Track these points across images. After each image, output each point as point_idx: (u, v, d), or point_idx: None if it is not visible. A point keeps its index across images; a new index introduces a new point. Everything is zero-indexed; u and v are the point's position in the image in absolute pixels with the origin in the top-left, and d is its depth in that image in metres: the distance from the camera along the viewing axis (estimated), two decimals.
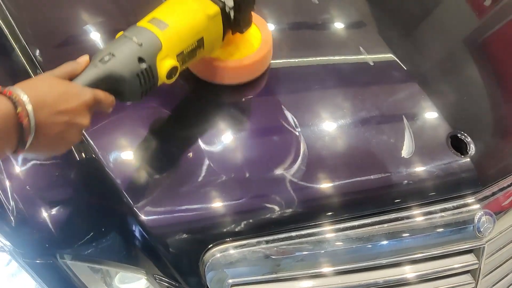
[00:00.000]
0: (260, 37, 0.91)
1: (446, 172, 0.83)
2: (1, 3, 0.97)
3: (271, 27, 1.01)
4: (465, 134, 0.86)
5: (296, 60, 1.00)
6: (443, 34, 1.17)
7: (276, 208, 0.78)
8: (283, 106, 0.89)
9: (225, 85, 0.89)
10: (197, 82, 0.90)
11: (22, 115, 0.54)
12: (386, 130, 0.86)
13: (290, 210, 0.78)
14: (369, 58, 0.99)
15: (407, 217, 0.81)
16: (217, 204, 0.77)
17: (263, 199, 0.79)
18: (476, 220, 0.83)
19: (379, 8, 1.17)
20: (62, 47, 0.96)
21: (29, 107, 0.54)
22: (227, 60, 0.86)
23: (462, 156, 0.84)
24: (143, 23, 0.71)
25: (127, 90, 0.67)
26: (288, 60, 0.99)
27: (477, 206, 0.84)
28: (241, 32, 0.83)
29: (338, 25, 1.09)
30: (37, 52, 0.91)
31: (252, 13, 0.84)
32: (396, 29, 1.13)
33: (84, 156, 0.82)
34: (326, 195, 0.80)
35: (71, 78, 0.64)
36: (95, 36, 0.97)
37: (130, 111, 0.86)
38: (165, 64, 0.69)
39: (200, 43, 0.75)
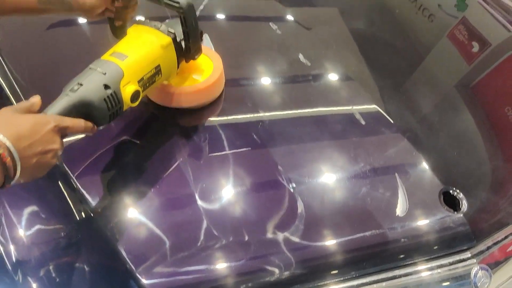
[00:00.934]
0: (212, 66, 1.02)
1: (441, 228, 0.85)
2: (8, 74, 1.01)
3: (266, 80, 1.05)
4: (457, 190, 0.89)
5: (285, 112, 1.04)
6: (431, 86, 1.21)
7: (276, 270, 0.79)
8: (278, 174, 0.91)
9: (184, 109, 0.99)
10: (159, 108, 0.98)
11: (4, 155, 0.59)
12: (380, 188, 0.89)
13: (288, 272, 0.79)
14: (358, 112, 1.03)
15: (405, 275, 0.82)
16: (218, 266, 0.78)
17: (263, 260, 0.80)
18: (472, 275, 0.84)
19: (367, 63, 1.22)
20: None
21: (9, 145, 0.60)
22: (183, 86, 0.97)
23: (455, 212, 0.86)
24: (106, 56, 0.81)
25: (96, 114, 0.75)
26: (280, 113, 1.03)
27: (472, 261, 0.85)
28: (193, 58, 0.94)
29: (327, 81, 1.13)
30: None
31: (205, 46, 0.95)
32: (384, 84, 1.18)
33: (84, 216, 0.84)
34: (323, 254, 0.81)
35: (31, 112, 0.69)
36: None
37: (122, 164, 0.90)
38: (128, 89, 0.78)
39: (157, 70, 0.85)
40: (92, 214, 0.82)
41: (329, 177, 0.91)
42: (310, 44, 1.26)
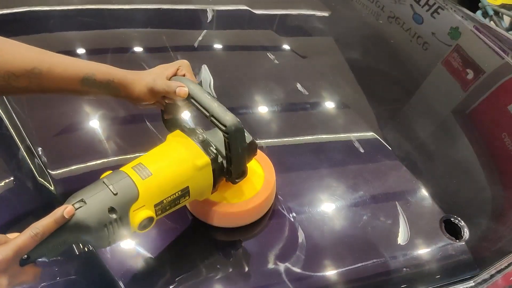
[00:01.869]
0: (263, 177, 0.87)
1: (443, 257, 0.84)
2: (7, 104, 1.01)
3: (264, 109, 1.06)
4: (458, 218, 0.88)
5: (284, 140, 1.04)
6: (427, 114, 1.22)
7: None
8: (278, 204, 0.90)
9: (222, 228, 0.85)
10: (194, 220, 0.86)
11: None
12: (381, 217, 0.88)
13: None
14: (356, 140, 1.03)
15: None
16: None
17: None
18: None
19: (364, 92, 1.23)
20: (64, 145, 0.99)
21: None
22: (223, 203, 0.82)
23: (457, 240, 0.86)
24: (127, 168, 0.70)
25: (93, 239, 0.65)
26: (279, 140, 1.03)
27: None
28: (234, 183, 0.79)
29: (325, 110, 1.14)
30: (40, 151, 0.94)
31: (259, 151, 0.83)
32: (381, 111, 1.19)
33: (82, 248, 0.83)
34: (325, 284, 0.80)
35: None
36: (97, 132, 1.01)
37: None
38: (139, 215, 0.66)
39: (184, 192, 0.73)
40: (90, 246, 0.81)
41: (329, 206, 0.91)
42: (308, 73, 1.27)
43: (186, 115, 0.94)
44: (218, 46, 1.35)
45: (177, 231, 0.84)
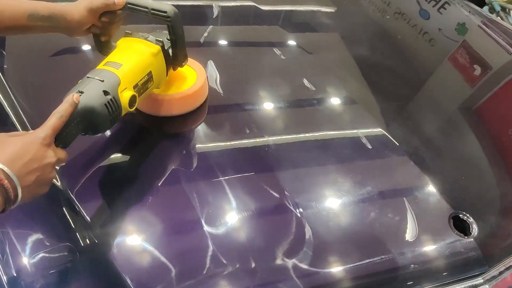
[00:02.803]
0: (195, 75, 1.06)
1: (451, 253, 0.84)
2: (14, 100, 1.01)
3: (271, 105, 1.05)
4: (467, 215, 0.88)
5: (291, 136, 1.04)
6: (434, 110, 1.22)
7: None
8: (285, 200, 0.90)
9: (171, 116, 1.02)
10: (149, 117, 1.02)
11: (1, 178, 0.61)
12: (389, 213, 0.88)
13: None
14: (364, 136, 1.03)
15: None
16: None
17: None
18: None
19: (370, 87, 1.23)
20: None
21: (3, 168, 0.62)
22: (170, 94, 1.01)
23: (466, 237, 0.85)
24: (101, 66, 0.84)
25: (98, 120, 0.78)
26: (286, 137, 1.03)
27: (485, 286, 0.83)
28: (181, 66, 0.98)
29: (332, 105, 1.14)
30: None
31: (189, 58, 1.00)
32: (388, 107, 1.18)
33: (89, 243, 0.83)
34: (332, 280, 0.80)
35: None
36: None
37: (124, 190, 0.89)
38: (125, 95, 0.82)
39: (149, 76, 0.89)
40: (96, 241, 0.81)
41: (336, 202, 0.90)
42: (314, 69, 1.27)
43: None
44: (224, 42, 1.34)
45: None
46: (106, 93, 0.79)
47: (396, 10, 1.66)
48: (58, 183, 0.87)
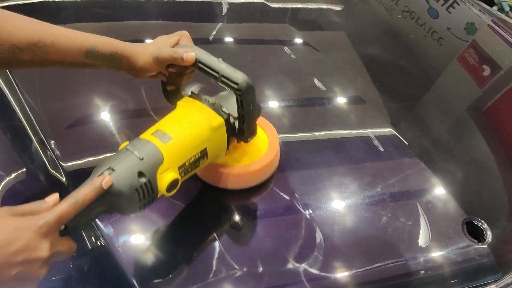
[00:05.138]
0: (267, 141, 0.91)
1: (465, 260, 0.82)
2: (21, 97, 1.00)
3: (281, 104, 1.03)
4: (482, 221, 0.86)
5: (301, 135, 1.02)
6: (443, 110, 1.20)
7: None
8: (295, 202, 0.89)
9: (231, 190, 0.88)
10: (204, 185, 0.89)
11: None
12: (401, 217, 0.87)
13: None
14: (375, 137, 1.01)
15: None
16: None
17: None
18: None
19: (379, 87, 1.21)
20: (76, 137, 0.98)
21: None
22: (232, 166, 0.85)
23: (480, 243, 0.84)
24: (147, 135, 0.71)
25: (126, 204, 0.66)
26: (296, 135, 1.01)
27: None
28: (246, 141, 0.83)
29: (343, 105, 1.12)
30: (53, 144, 0.93)
31: (260, 116, 0.86)
32: (397, 107, 1.17)
33: (96, 245, 0.82)
34: (343, 285, 0.79)
35: (33, 214, 0.58)
36: (108, 124, 1.00)
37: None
38: (166, 177, 0.68)
39: (203, 153, 0.75)
40: (102, 241, 0.80)
41: (347, 205, 0.89)
42: (325, 68, 1.25)
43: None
44: (233, 39, 1.32)
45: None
46: (141, 174, 0.65)
47: (404, 8, 1.65)
48: (64, 180, 0.86)
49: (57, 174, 0.88)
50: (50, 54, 0.70)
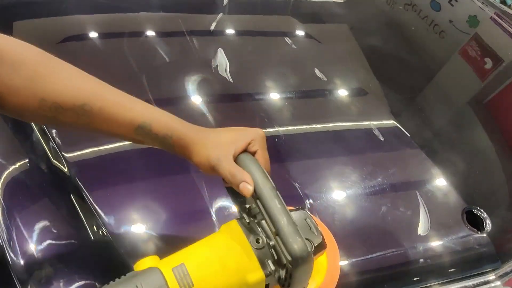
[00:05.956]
0: (325, 266, 0.72)
1: (464, 248, 0.83)
2: None
3: (282, 95, 1.03)
4: (481, 210, 0.87)
5: (302, 127, 1.01)
6: (445, 103, 1.20)
7: None
8: (296, 192, 0.88)
9: None
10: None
11: None
12: (401, 207, 0.87)
13: None
14: (376, 128, 1.01)
15: None
16: None
17: None
18: None
19: (381, 79, 1.21)
20: None
21: None
22: None
23: (479, 232, 0.84)
24: (166, 267, 0.57)
25: None
26: (297, 127, 1.01)
27: (497, 283, 0.83)
28: None
29: (344, 96, 1.12)
30: (54, 133, 0.93)
31: (318, 220, 0.70)
32: (399, 99, 1.17)
33: (96, 232, 0.83)
34: (343, 274, 0.79)
35: None
36: None
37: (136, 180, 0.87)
38: None
39: None
40: (104, 230, 0.80)
41: (348, 195, 0.89)
42: (326, 59, 1.25)
43: None
44: (234, 30, 1.32)
45: None
46: None
47: (406, 1, 1.64)
48: (66, 170, 0.86)
49: (59, 164, 0.88)
50: (96, 121, 0.60)
